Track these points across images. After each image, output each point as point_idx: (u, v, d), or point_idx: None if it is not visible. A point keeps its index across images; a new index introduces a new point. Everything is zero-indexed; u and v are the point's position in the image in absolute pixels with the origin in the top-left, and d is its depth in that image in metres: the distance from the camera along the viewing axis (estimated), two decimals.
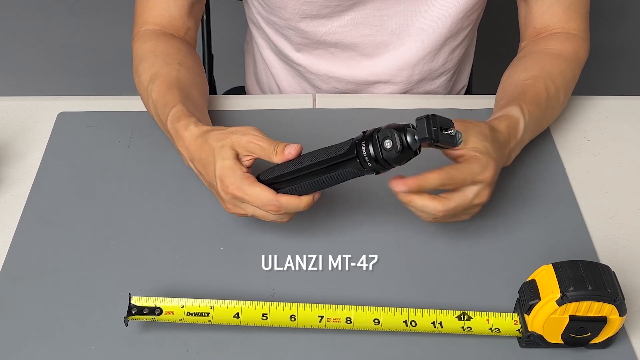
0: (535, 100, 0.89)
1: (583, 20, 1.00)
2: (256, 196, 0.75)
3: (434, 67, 1.06)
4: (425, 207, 0.75)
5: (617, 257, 0.82)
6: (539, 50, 0.98)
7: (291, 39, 1.04)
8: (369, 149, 0.70)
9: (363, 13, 0.99)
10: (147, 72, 0.91)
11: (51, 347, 0.72)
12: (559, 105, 0.94)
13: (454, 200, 0.75)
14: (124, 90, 1.06)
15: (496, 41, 1.60)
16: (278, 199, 0.74)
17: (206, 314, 0.72)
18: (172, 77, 0.89)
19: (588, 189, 0.90)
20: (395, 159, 0.70)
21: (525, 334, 0.72)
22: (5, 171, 0.90)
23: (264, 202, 0.75)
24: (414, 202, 0.75)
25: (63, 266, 0.79)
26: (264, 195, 0.75)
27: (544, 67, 0.94)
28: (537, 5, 1.00)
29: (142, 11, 0.98)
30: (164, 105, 0.86)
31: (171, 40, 0.97)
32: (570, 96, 0.98)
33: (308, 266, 0.80)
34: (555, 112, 0.94)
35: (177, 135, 0.82)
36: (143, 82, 0.91)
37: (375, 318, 0.72)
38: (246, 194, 0.75)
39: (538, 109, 0.88)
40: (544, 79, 0.92)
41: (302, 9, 0.98)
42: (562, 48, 0.97)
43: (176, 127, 0.82)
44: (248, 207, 0.77)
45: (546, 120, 0.93)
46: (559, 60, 0.95)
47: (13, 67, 2.23)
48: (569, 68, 0.95)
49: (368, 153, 0.70)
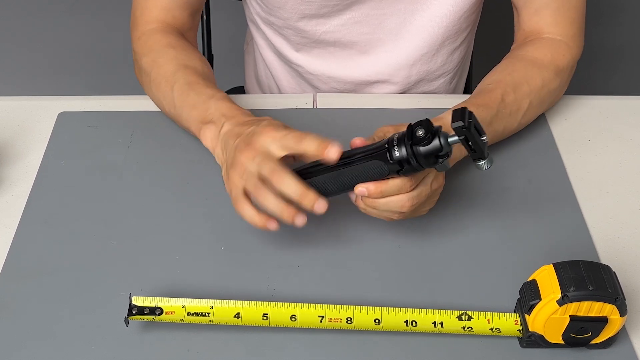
0: (484, 102, 0.87)
1: (572, 25, 0.98)
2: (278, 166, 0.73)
3: (432, 68, 1.06)
4: (389, 204, 0.75)
5: (617, 257, 0.82)
6: (515, 56, 0.97)
7: (290, 38, 1.04)
8: (400, 140, 0.71)
9: (361, 12, 0.99)
10: (171, 63, 0.92)
11: (51, 347, 0.72)
12: (521, 114, 0.91)
13: (417, 198, 0.75)
14: (124, 90, 1.06)
15: (495, 42, 1.60)
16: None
17: (207, 314, 0.72)
18: (200, 69, 0.92)
19: (588, 189, 0.90)
20: (423, 153, 0.70)
21: (526, 334, 0.72)
22: (6, 171, 0.90)
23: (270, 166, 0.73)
24: (378, 203, 0.75)
25: (63, 266, 0.79)
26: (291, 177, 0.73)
27: (512, 72, 0.93)
28: (525, 9, 0.99)
29: (143, 12, 0.99)
30: (201, 86, 0.88)
31: (182, 36, 0.98)
32: (548, 105, 0.96)
33: (308, 266, 0.80)
34: (515, 119, 0.91)
35: (226, 108, 0.84)
36: (165, 72, 0.91)
37: (375, 318, 0.72)
38: (281, 138, 0.74)
39: (485, 111, 0.86)
40: (505, 84, 0.90)
41: (300, 9, 0.98)
42: (539, 55, 0.95)
43: (227, 105, 0.85)
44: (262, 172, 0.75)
45: (501, 124, 0.89)
46: (530, 67, 0.93)
47: (13, 67, 2.23)
48: (539, 76, 0.93)
49: (398, 142, 0.71)
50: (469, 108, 0.83)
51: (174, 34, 0.97)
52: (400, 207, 0.75)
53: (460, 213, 0.86)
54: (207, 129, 0.85)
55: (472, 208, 0.86)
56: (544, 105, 0.95)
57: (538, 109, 0.95)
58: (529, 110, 0.92)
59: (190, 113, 0.87)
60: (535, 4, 0.98)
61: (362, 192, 0.74)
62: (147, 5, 0.98)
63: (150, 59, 0.94)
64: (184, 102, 0.88)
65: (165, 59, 0.93)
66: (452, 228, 0.84)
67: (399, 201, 0.75)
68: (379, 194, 0.74)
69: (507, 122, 0.90)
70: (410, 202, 0.75)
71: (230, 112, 0.84)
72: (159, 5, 0.98)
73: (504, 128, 0.90)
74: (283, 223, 0.75)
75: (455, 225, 0.84)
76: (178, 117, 0.91)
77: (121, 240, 0.82)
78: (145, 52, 0.95)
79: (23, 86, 2.16)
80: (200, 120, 0.86)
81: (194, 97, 0.87)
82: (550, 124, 0.98)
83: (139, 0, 0.99)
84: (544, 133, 0.96)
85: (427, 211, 0.81)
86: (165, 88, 0.91)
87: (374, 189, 0.74)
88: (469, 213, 0.86)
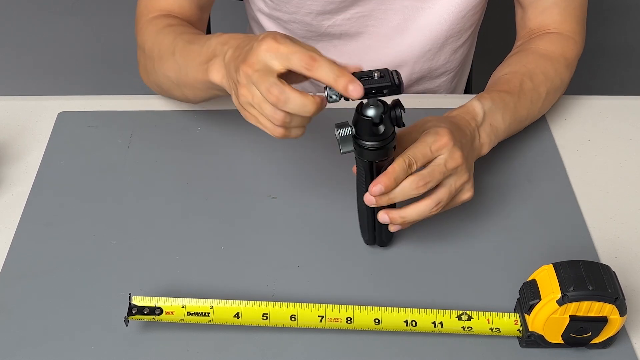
0: (504, 89, 0.89)
1: (578, 23, 1.00)
2: (292, 46, 0.67)
3: (435, 65, 1.07)
4: (420, 212, 0.75)
5: (617, 257, 0.82)
6: (526, 49, 0.98)
7: (295, 32, 1.05)
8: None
9: (367, 7, 1.00)
10: (172, 34, 0.88)
11: (51, 347, 0.72)
12: (541, 101, 0.92)
13: (429, 176, 0.74)
14: (124, 90, 1.06)
15: (496, 42, 1.60)
16: (283, 84, 0.67)
17: (207, 314, 0.71)
18: (200, 33, 0.89)
19: (588, 189, 0.90)
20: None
21: (526, 333, 0.72)
22: (5, 171, 0.90)
23: (300, 51, 0.67)
24: (409, 216, 0.75)
25: (63, 266, 0.79)
26: (300, 47, 0.67)
27: (526, 64, 0.94)
28: (532, 7, 1.00)
29: (147, 4, 0.96)
30: (202, 38, 0.83)
31: (184, 22, 0.95)
32: (559, 96, 0.97)
33: (308, 266, 0.80)
34: (536, 106, 0.92)
35: (227, 37, 0.77)
36: (166, 44, 0.87)
37: (375, 318, 0.72)
38: (282, 44, 0.68)
39: (508, 97, 0.87)
40: (521, 74, 0.91)
41: (306, 4, 0.99)
42: (549, 48, 0.97)
43: (229, 34, 0.78)
44: (255, 88, 0.69)
45: (524, 110, 0.90)
46: (542, 59, 0.95)
47: (13, 67, 2.23)
48: (552, 67, 0.94)
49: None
50: (492, 96, 0.86)
51: (177, 19, 0.94)
52: (416, 188, 0.73)
53: (460, 213, 0.85)
54: (213, 65, 0.78)
55: (472, 208, 0.86)
56: (557, 95, 0.96)
57: (553, 99, 0.96)
58: (546, 99, 0.93)
59: (194, 62, 0.81)
60: (544, 3, 0.99)
61: (380, 189, 0.72)
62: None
63: (151, 39, 0.91)
64: (187, 58, 0.83)
65: (164, 34, 0.89)
66: (452, 228, 0.84)
67: (411, 183, 0.73)
68: (393, 182, 0.72)
69: (529, 108, 0.91)
70: (423, 181, 0.73)
71: (231, 39, 0.77)
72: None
73: (528, 114, 0.91)
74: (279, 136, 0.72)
75: (455, 225, 0.84)
76: (184, 78, 0.85)
77: (121, 240, 0.82)
78: (146, 39, 0.92)
79: (23, 86, 2.16)
80: (204, 62, 0.79)
81: (195, 47, 0.82)
82: (550, 124, 0.98)
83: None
84: (544, 133, 0.96)
85: (471, 193, 0.78)
86: (167, 57, 0.87)
87: (386, 179, 0.72)
88: (469, 213, 0.86)
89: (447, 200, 0.76)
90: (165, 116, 0.97)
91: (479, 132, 0.83)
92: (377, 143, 0.71)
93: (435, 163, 0.75)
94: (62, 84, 2.19)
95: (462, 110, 0.84)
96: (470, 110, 0.84)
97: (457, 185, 0.76)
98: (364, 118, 0.70)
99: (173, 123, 0.96)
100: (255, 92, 0.69)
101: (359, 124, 0.70)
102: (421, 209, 0.75)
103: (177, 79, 0.87)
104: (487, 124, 0.84)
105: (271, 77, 0.68)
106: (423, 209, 0.75)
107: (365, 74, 0.68)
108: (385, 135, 0.71)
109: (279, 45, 0.68)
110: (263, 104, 0.69)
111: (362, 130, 0.71)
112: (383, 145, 0.71)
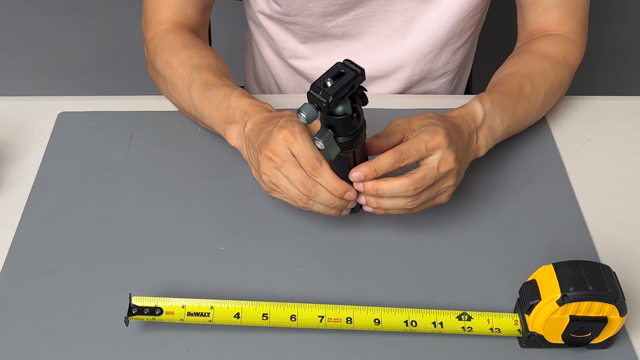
0: (504, 90, 0.89)
1: (579, 24, 0.99)
2: (304, 147, 0.74)
3: (435, 66, 1.07)
4: (393, 188, 0.75)
5: (617, 257, 0.82)
6: (526, 50, 0.98)
7: (297, 32, 1.05)
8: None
9: (369, 9, 1.01)
10: (186, 64, 0.91)
11: (51, 347, 0.72)
12: (539, 102, 0.92)
13: (419, 171, 0.75)
14: (124, 90, 1.06)
15: (496, 42, 1.61)
16: (320, 160, 0.74)
17: (207, 314, 0.72)
18: (214, 66, 0.92)
19: (588, 189, 0.90)
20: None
21: (526, 334, 0.72)
22: (6, 171, 0.90)
23: (307, 155, 0.74)
24: (382, 189, 0.75)
25: (63, 266, 0.79)
26: (309, 149, 0.74)
27: (525, 65, 0.94)
28: (533, 8, 1.00)
29: (154, 12, 0.98)
30: (218, 84, 0.88)
31: (194, 34, 0.98)
32: (558, 97, 0.97)
33: (308, 266, 0.80)
34: (534, 107, 0.92)
35: (246, 105, 0.84)
36: (181, 74, 0.91)
37: (375, 318, 0.72)
38: (297, 140, 0.75)
39: (507, 98, 0.88)
40: (521, 75, 0.92)
41: (309, 6, 0.99)
42: (549, 49, 0.96)
43: (247, 101, 0.85)
44: (281, 172, 0.76)
45: (523, 112, 0.90)
46: (542, 60, 0.95)
47: (13, 67, 2.23)
48: (552, 69, 0.94)
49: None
50: (491, 97, 0.86)
51: (187, 33, 0.97)
52: (405, 190, 0.74)
53: (460, 213, 0.86)
54: (232, 129, 0.86)
55: (472, 208, 0.86)
56: (556, 97, 0.96)
57: (552, 100, 0.96)
58: (545, 101, 0.93)
59: (211, 114, 0.88)
60: (544, 3, 0.98)
61: (359, 176, 0.74)
62: (158, 6, 0.98)
63: (164, 60, 0.94)
64: (204, 103, 0.88)
65: (179, 60, 0.92)
66: (452, 228, 0.84)
67: (402, 185, 0.74)
68: (374, 172, 0.74)
69: (528, 110, 0.91)
70: (414, 185, 0.74)
71: (251, 108, 0.84)
72: (171, 5, 0.98)
73: (526, 116, 0.91)
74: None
75: (455, 225, 0.84)
76: (200, 117, 0.91)
77: (121, 240, 0.82)
78: (158, 53, 0.95)
79: (23, 86, 2.17)
80: (223, 121, 0.86)
81: (213, 97, 0.87)
82: (550, 124, 0.98)
83: (149, 1, 0.99)
84: (544, 133, 0.96)
85: (448, 197, 0.79)
86: (182, 89, 0.91)
87: (367, 169, 0.74)
88: (469, 213, 0.86)
89: (425, 198, 0.77)
90: (165, 116, 0.97)
91: (477, 135, 0.84)
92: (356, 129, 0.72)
93: (428, 165, 0.75)
94: (62, 84, 2.19)
95: (462, 110, 0.84)
96: (471, 111, 0.84)
97: (441, 187, 0.78)
98: (339, 117, 0.70)
99: (173, 123, 0.96)
100: (280, 177, 0.77)
101: (338, 124, 0.70)
102: (396, 186, 0.75)
103: (190, 113, 0.93)
104: (486, 127, 0.85)
105: (300, 170, 0.75)
106: (398, 187, 0.75)
107: (326, 76, 0.67)
108: (361, 118, 0.72)
109: (295, 140, 0.75)
110: (289, 187, 0.77)
111: (342, 128, 0.71)
112: (361, 128, 0.72)
